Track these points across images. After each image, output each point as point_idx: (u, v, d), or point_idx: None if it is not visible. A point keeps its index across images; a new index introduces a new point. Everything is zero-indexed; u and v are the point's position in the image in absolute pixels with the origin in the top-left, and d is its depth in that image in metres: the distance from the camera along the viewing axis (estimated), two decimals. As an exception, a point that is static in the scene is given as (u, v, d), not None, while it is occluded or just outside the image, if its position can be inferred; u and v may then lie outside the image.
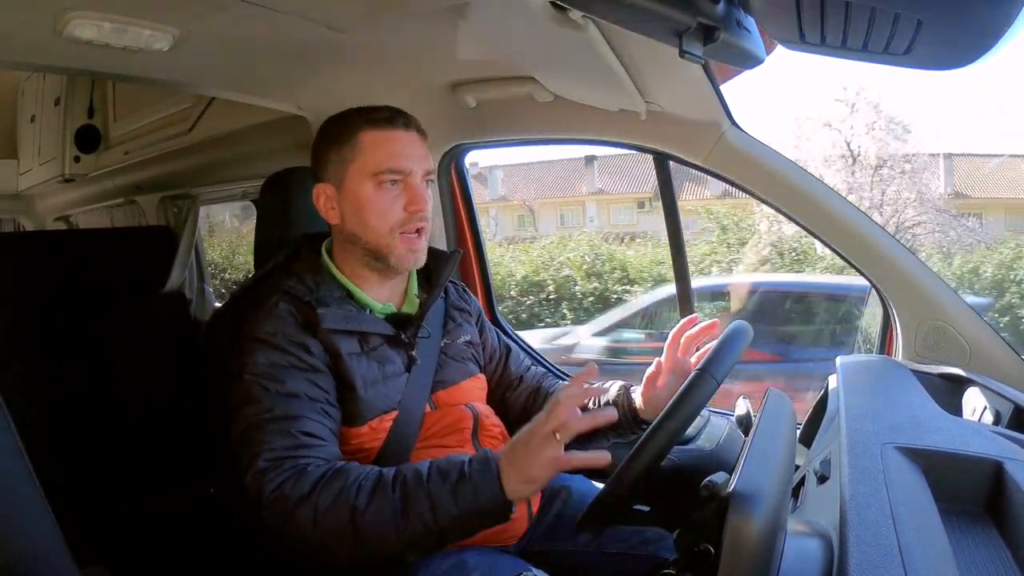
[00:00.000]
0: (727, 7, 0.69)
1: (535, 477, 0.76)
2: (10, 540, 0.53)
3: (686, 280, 1.42)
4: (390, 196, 0.92)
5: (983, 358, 1.05)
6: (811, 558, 0.57)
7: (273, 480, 0.79)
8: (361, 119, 0.93)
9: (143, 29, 0.96)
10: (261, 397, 0.84)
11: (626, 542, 1.01)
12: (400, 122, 0.93)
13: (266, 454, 0.81)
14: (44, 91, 2.16)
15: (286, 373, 0.86)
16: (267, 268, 0.98)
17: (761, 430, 0.64)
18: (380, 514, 0.76)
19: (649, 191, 9.11)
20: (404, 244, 0.93)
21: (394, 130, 0.93)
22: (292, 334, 0.88)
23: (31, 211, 2.76)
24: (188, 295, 2.03)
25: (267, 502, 0.78)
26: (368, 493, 0.77)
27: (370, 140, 0.92)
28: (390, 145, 0.92)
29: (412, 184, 0.93)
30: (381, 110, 0.94)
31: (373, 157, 0.92)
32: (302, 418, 0.84)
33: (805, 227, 1.15)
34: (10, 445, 0.54)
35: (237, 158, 1.84)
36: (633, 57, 1.01)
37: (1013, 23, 0.51)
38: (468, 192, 1.60)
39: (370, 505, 0.76)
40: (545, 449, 0.75)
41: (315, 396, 0.87)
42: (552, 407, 0.76)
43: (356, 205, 0.93)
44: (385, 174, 0.91)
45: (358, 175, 0.92)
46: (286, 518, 0.78)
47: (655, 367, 1.01)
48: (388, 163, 0.91)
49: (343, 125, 0.94)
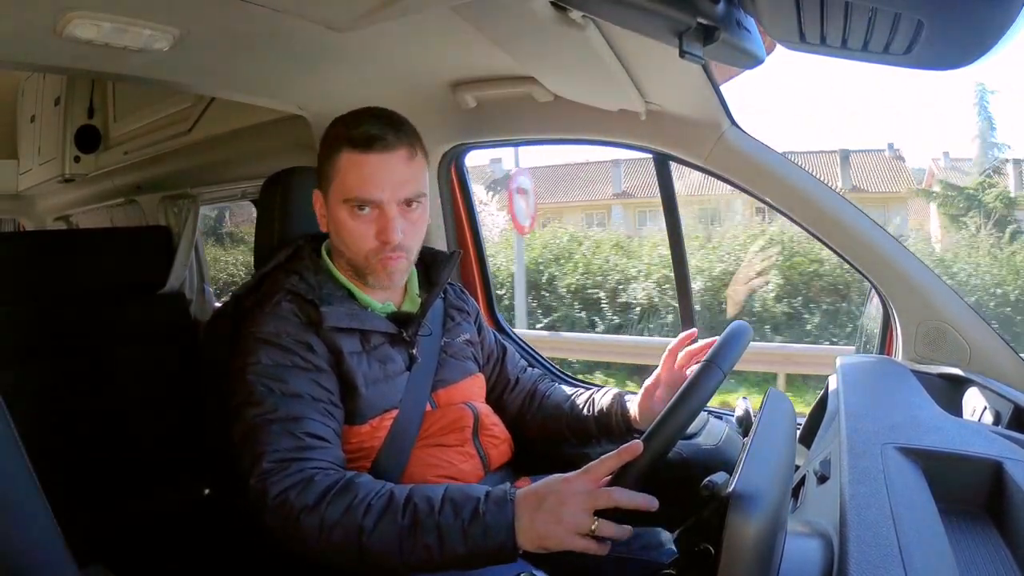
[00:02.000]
0: (727, 7, 0.69)
1: (553, 537, 0.70)
2: (10, 540, 0.53)
3: (686, 281, 1.41)
4: (363, 222, 0.89)
5: (983, 358, 1.05)
6: (811, 558, 0.57)
7: (277, 484, 0.78)
8: (344, 136, 0.89)
9: (143, 29, 0.96)
10: (264, 397, 0.84)
11: (627, 545, 1.01)
12: (379, 145, 0.87)
13: (270, 456, 0.80)
14: (44, 91, 2.16)
15: (289, 373, 0.86)
16: (268, 267, 0.98)
17: (761, 430, 0.63)
18: (386, 538, 0.74)
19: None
20: (380, 265, 0.91)
21: (369, 154, 0.87)
22: (295, 333, 0.88)
23: (31, 211, 2.76)
24: (188, 295, 2.03)
25: (271, 506, 0.78)
26: (377, 515, 0.75)
27: (346, 163, 0.88)
28: (362, 171, 0.88)
29: (385, 213, 0.89)
30: (366, 124, 0.89)
31: (345, 182, 0.89)
32: (306, 419, 0.83)
33: (805, 227, 1.15)
34: (10, 445, 0.54)
35: (237, 158, 1.84)
36: (633, 57, 1.01)
37: (1013, 23, 0.51)
38: (468, 192, 1.60)
39: (377, 527, 0.74)
40: (578, 518, 0.69)
41: (318, 396, 0.86)
42: (608, 472, 0.71)
43: (336, 225, 0.92)
44: (353, 201, 0.88)
45: (335, 196, 0.90)
46: (290, 525, 0.77)
47: (654, 379, 1.01)
48: (356, 191, 0.88)
49: (331, 138, 0.91)
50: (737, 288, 6.76)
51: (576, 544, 0.70)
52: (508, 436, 1.06)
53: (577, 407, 1.07)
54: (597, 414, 1.03)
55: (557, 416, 1.08)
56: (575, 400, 1.08)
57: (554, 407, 1.10)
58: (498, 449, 1.02)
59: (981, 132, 10.62)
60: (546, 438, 1.10)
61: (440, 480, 0.93)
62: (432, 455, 0.94)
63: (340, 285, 0.95)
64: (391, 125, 0.89)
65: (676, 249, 1.40)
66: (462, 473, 0.96)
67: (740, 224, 8.44)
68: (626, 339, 6.64)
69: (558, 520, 0.70)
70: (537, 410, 1.11)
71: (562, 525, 0.70)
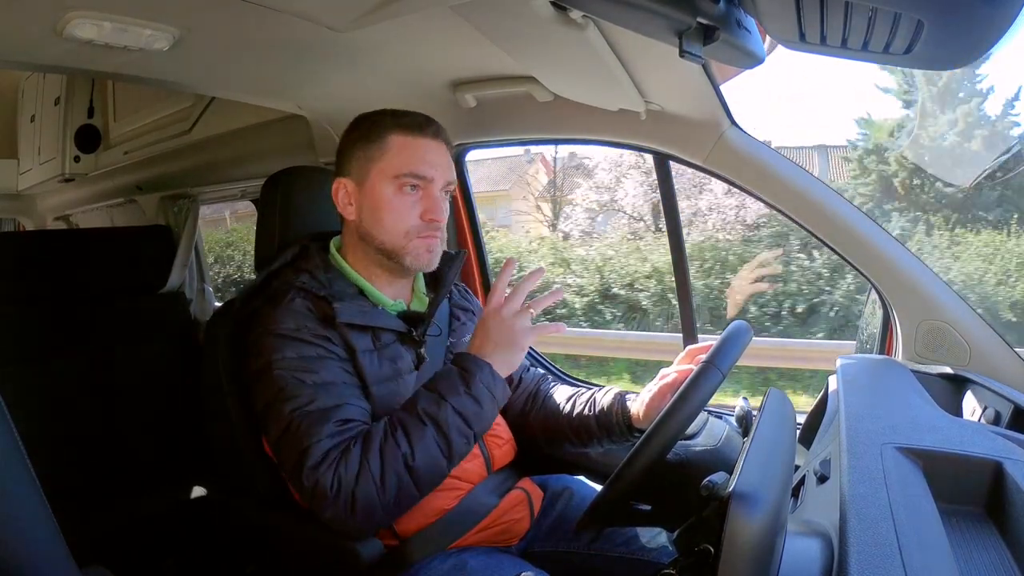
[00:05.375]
0: (727, 7, 0.69)
1: (519, 356, 0.87)
2: (10, 540, 0.52)
3: (686, 282, 1.41)
4: (408, 201, 0.93)
5: (983, 358, 1.05)
6: (811, 558, 0.57)
7: (327, 473, 0.80)
8: (392, 121, 0.94)
9: (143, 29, 0.96)
10: (297, 390, 0.85)
11: (627, 546, 1.01)
12: (430, 130, 0.95)
13: (316, 449, 0.81)
14: (44, 91, 2.15)
15: (318, 363, 0.87)
16: (275, 266, 0.98)
17: (761, 430, 0.63)
18: (426, 448, 0.81)
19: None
20: (422, 243, 0.94)
21: (422, 137, 0.94)
22: (314, 328, 0.88)
23: (31, 211, 2.76)
24: (188, 295, 2.03)
25: (332, 495, 0.80)
26: (404, 436, 0.81)
27: (397, 143, 0.93)
28: (416, 150, 0.93)
29: (431, 192, 0.94)
30: (412, 115, 0.95)
31: (397, 159, 0.93)
32: (344, 405, 0.85)
33: (805, 227, 1.15)
34: (10, 445, 0.54)
35: (237, 158, 1.84)
36: (633, 57, 1.01)
37: (1013, 23, 0.51)
38: (468, 192, 1.60)
39: (413, 445, 0.81)
40: (525, 334, 0.86)
41: (349, 381, 0.88)
42: (492, 291, 0.88)
43: (374, 204, 0.93)
44: (407, 178, 0.92)
45: (380, 175, 0.93)
46: (352, 501, 0.80)
47: (655, 379, 1.00)
48: (411, 167, 0.92)
49: (373, 124, 0.95)
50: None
51: (534, 338, 0.87)
52: (511, 436, 1.06)
53: (578, 406, 1.07)
54: (598, 413, 1.04)
55: (558, 416, 1.08)
56: (576, 399, 1.08)
57: (555, 407, 1.10)
58: (501, 449, 1.02)
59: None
60: (548, 438, 1.10)
61: (445, 480, 0.93)
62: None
63: (351, 283, 0.96)
64: (432, 120, 0.97)
65: (676, 249, 1.40)
66: (466, 473, 0.96)
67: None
68: (632, 335, 6.59)
69: (513, 344, 0.86)
70: (539, 410, 1.11)
71: (519, 346, 0.86)
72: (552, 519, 1.06)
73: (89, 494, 1.44)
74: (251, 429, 0.94)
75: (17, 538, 0.53)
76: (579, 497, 1.09)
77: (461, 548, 0.92)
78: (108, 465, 1.57)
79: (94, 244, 1.79)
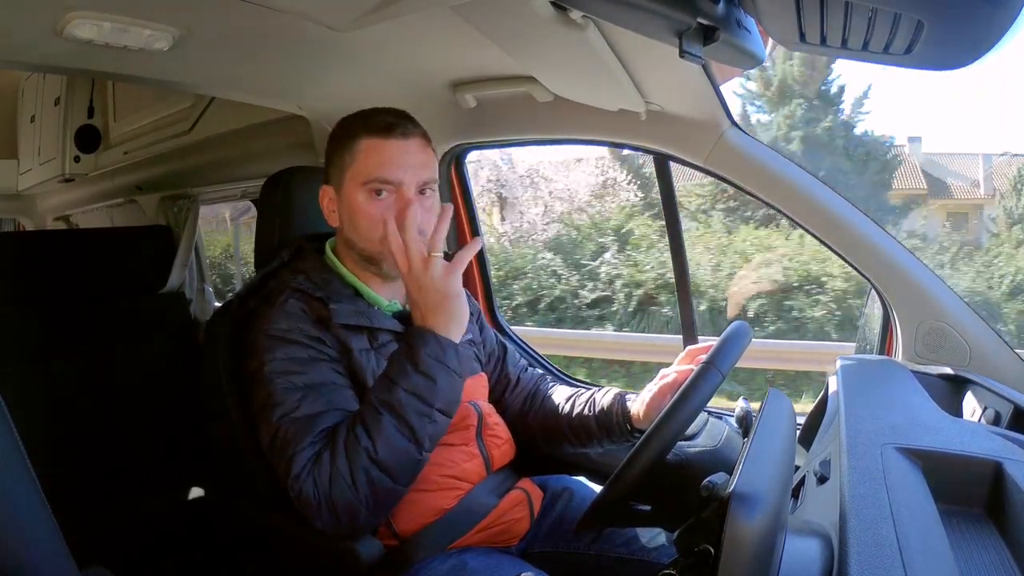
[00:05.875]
0: (727, 7, 0.69)
1: (453, 295, 0.83)
2: (10, 540, 0.52)
3: (686, 283, 1.41)
4: (381, 206, 0.91)
5: (983, 358, 1.05)
6: (811, 558, 0.56)
7: (307, 481, 0.81)
8: (361, 124, 0.93)
9: (143, 29, 0.96)
10: (286, 394, 0.85)
11: (627, 546, 1.01)
12: (398, 131, 0.92)
13: (300, 456, 0.82)
14: (44, 91, 2.15)
15: (308, 364, 0.87)
16: (271, 267, 0.98)
17: (761, 430, 0.63)
18: (388, 438, 0.80)
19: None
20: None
21: (389, 139, 0.91)
22: (307, 329, 0.88)
23: (31, 211, 2.76)
24: (188, 295, 2.03)
25: (315, 504, 0.80)
26: (364, 430, 0.80)
27: (365, 147, 0.92)
28: (382, 153, 0.91)
29: (404, 195, 0.91)
30: (382, 115, 0.93)
31: (365, 165, 0.91)
32: (331, 411, 0.85)
33: (805, 228, 1.15)
34: (10, 445, 0.54)
35: (237, 158, 1.84)
36: (633, 57, 1.01)
37: (1013, 23, 0.51)
38: (468, 192, 1.60)
39: (373, 438, 0.80)
40: (433, 269, 0.82)
41: (340, 383, 0.88)
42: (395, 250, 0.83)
43: (350, 212, 0.93)
44: (374, 183, 0.91)
45: (352, 182, 0.92)
46: (332, 506, 0.80)
47: (656, 379, 1.00)
48: (378, 172, 0.91)
49: (345, 129, 0.94)
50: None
51: (456, 274, 0.84)
52: (510, 436, 1.06)
53: (578, 407, 1.07)
54: (598, 413, 1.03)
55: (557, 415, 1.08)
56: (576, 400, 1.08)
57: (555, 406, 1.10)
58: (500, 449, 1.02)
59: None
60: (547, 438, 1.10)
61: (445, 480, 0.93)
62: (436, 455, 0.93)
63: (346, 284, 0.96)
64: (406, 116, 0.95)
65: (676, 250, 1.40)
66: (465, 472, 0.96)
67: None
68: (632, 336, 6.62)
69: (442, 294, 0.83)
70: (538, 410, 1.11)
71: (449, 293, 0.83)
72: (552, 519, 1.06)
73: (89, 494, 1.44)
74: (251, 429, 0.94)
75: (17, 538, 0.53)
76: (579, 497, 1.09)
77: (461, 548, 0.92)
78: (108, 465, 1.57)
79: (94, 244, 1.78)
